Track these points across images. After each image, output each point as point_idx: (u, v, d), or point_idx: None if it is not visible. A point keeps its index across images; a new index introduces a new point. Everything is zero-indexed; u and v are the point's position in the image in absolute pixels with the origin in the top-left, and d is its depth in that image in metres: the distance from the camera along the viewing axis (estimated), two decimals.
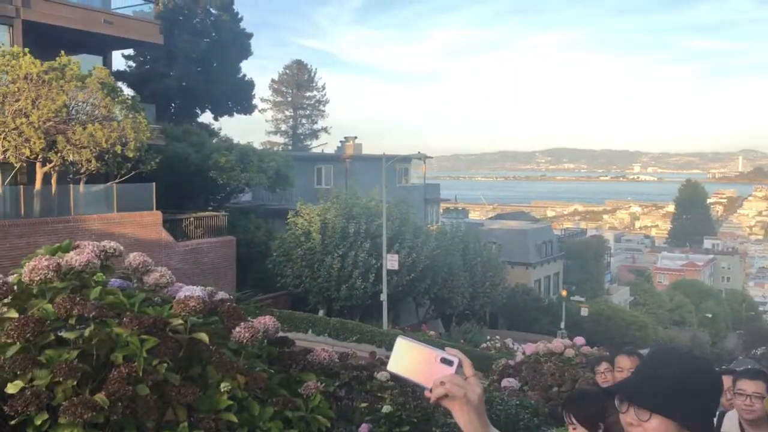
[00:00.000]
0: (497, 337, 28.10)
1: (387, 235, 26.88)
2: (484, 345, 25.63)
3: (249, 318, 3.58)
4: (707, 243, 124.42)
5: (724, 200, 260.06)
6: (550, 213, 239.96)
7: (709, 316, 61.09)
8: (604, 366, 5.64)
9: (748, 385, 4.02)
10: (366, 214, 28.16)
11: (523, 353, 12.20)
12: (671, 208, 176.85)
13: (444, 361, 1.55)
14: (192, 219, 25.20)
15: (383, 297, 26.68)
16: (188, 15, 35.68)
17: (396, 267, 26.75)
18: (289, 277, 27.64)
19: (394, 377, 1.77)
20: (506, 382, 10.45)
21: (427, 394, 1.54)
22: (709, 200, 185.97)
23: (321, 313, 27.28)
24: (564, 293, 42.23)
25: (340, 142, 42.68)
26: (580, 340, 12.26)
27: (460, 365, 1.55)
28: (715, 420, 4.35)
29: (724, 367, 5.53)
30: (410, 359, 1.57)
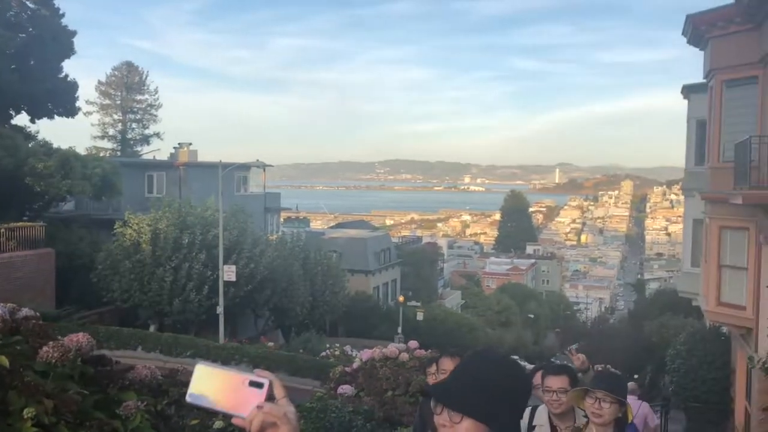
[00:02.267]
0: (337, 345, 28.25)
1: (224, 246, 26.23)
2: (324, 353, 25.68)
3: (59, 337, 3.32)
4: (529, 248, 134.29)
5: (544, 209, 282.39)
6: (388, 222, 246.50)
7: (532, 316, 65.93)
8: (433, 368, 5.86)
9: (553, 381, 4.31)
10: (201, 223, 27.34)
11: (360, 360, 12.34)
12: (498, 216, 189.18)
13: (253, 384, 1.41)
14: (3, 230, 22.88)
15: (220, 310, 25.97)
16: (1, 7, 32.50)
17: (233, 278, 26.16)
18: (116, 291, 26.05)
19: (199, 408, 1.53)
20: (342, 389, 10.53)
21: (239, 422, 1.39)
22: (530, 209, 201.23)
23: (152, 328, 25.99)
24: (401, 299, 43.45)
25: (174, 148, 40.85)
26: (413, 343, 12.58)
27: (270, 387, 1.43)
28: (528, 415, 4.69)
29: (544, 363, 5.96)
30: (214, 386, 1.42)
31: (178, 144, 40.81)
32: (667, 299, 34.73)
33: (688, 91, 21.14)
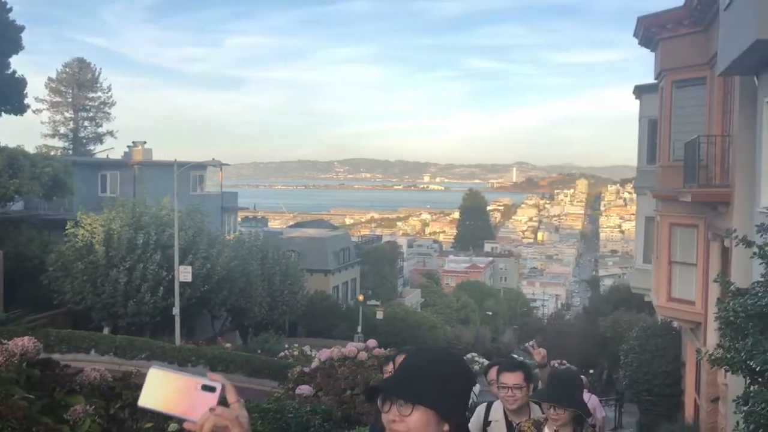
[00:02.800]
0: (296, 345, 28.16)
1: (180, 246, 25.86)
2: (282, 354, 25.58)
3: (4, 341, 3.21)
4: (487, 246, 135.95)
5: (501, 208, 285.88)
6: (348, 221, 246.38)
7: (490, 313, 66.70)
8: (390, 366, 5.87)
9: (508, 378, 4.36)
10: (156, 223, 26.94)
11: (319, 359, 12.31)
12: (457, 215, 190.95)
13: (206, 388, 1.43)
14: None
15: (176, 311, 25.60)
16: None
17: (189, 279, 25.83)
18: (68, 293, 25.45)
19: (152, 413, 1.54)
20: (300, 389, 10.48)
21: (190, 426, 1.40)
22: (488, 207, 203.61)
23: (106, 331, 25.44)
24: (361, 298, 43.46)
25: (128, 147, 40.09)
26: (372, 342, 12.62)
27: (223, 390, 1.44)
28: (483, 411, 4.73)
29: (500, 359, 6.00)
30: (167, 391, 1.43)
31: (133, 143, 40.06)
32: (621, 295, 35.55)
33: (639, 91, 21.65)
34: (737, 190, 11.86)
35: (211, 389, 1.43)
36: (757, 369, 5.50)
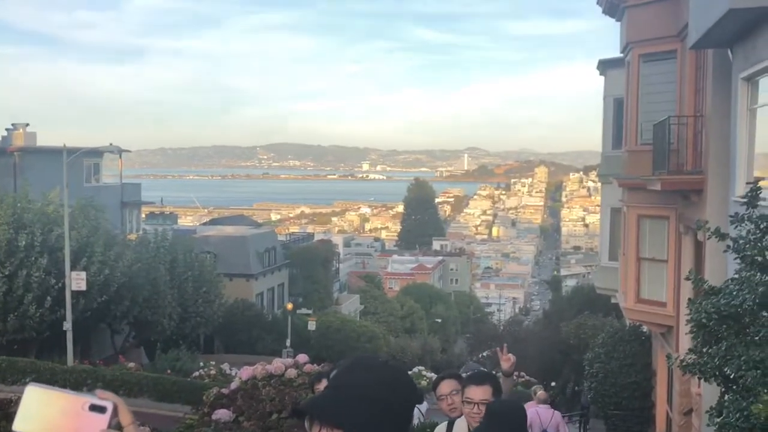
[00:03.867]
0: (212, 363, 28.00)
1: (71, 248, 25.44)
2: (197, 374, 25.40)
3: None
4: (436, 244, 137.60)
5: (452, 199, 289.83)
6: (274, 216, 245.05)
7: (439, 321, 67.52)
8: (322, 384, 5.84)
9: (475, 392, 4.27)
10: (42, 221, 26.53)
11: (240, 379, 12.24)
12: (401, 208, 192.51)
13: (94, 408, 1.41)
14: None
15: (67, 326, 25.18)
16: None
17: (83, 287, 25.45)
18: None
19: None
20: (217, 413, 10.37)
21: None
22: (437, 199, 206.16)
23: None
24: (290, 306, 43.33)
25: (7, 130, 38.79)
26: (303, 357, 12.62)
27: (115, 411, 1.43)
28: (444, 428, 4.76)
29: (451, 371, 6.04)
30: (47, 412, 1.39)
31: (12, 125, 38.74)
32: (585, 297, 36.54)
33: (604, 66, 22.24)
34: (711, 177, 12.32)
35: (101, 409, 1.41)
36: (732, 376, 5.72)
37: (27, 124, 38.65)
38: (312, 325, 41.94)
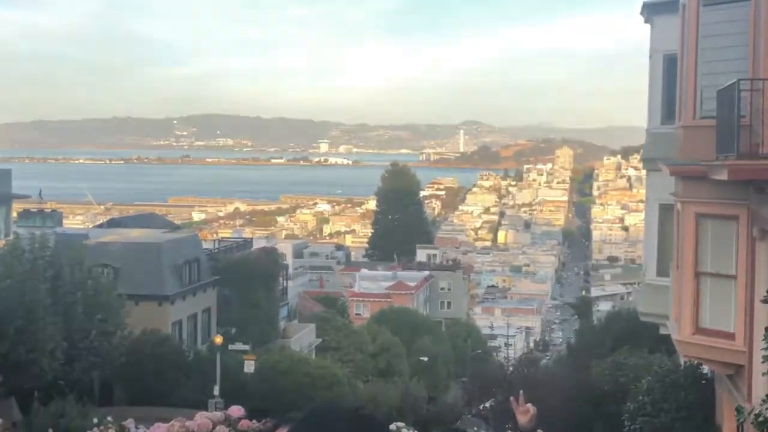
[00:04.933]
0: (109, 418, 27.66)
1: None
2: None
3: None
4: (421, 254, 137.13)
5: (443, 192, 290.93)
6: (197, 216, 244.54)
7: (425, 359, 67.54)
8: None
9: None
10: None
11: None
12: (372, 204, 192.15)
13: None
14: None
15: None
16: None
17: None
18: None
19: None
20: None
21: None
22: (422, 192, 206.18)
23: None
24: (218, 340, 43.12)
25: None
26: (236, 411, 12.62)
27: None
28: None
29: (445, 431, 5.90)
30: None
31: None
32: (625, 326, 36.74)
33: (650, 11, 22.32)
34: None
35: None
36: None
37: None
38: (250, 366, 41.73)
